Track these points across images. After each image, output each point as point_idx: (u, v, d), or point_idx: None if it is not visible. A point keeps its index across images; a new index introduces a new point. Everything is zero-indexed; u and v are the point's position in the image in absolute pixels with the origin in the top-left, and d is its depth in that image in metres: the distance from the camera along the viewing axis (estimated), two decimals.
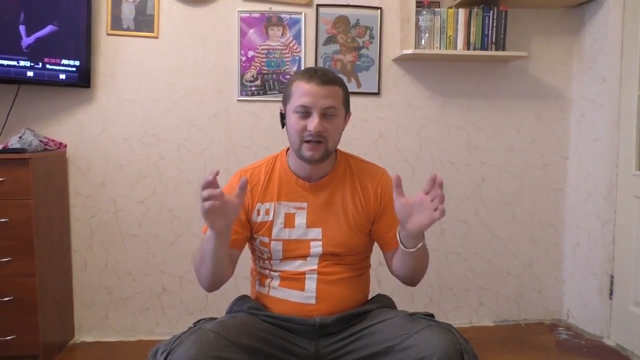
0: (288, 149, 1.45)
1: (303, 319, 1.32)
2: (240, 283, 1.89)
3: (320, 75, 1.33)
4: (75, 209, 2.47)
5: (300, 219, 1.39)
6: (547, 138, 2.73)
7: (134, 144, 2.49)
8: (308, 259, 1.37)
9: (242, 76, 2.51)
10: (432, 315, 1.32)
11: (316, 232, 1.38)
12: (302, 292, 1.35)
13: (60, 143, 2.41)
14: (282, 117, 1.41)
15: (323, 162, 1.38)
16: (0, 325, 2.08)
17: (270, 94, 2.53)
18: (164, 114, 2.49)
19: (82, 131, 2.45)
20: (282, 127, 1.42)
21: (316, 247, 1.38)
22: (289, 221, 1.39)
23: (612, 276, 2.46)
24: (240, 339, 1.23)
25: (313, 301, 1.34)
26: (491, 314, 2.74)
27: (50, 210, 2.26)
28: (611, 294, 2.46)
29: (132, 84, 2.46)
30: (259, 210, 1.41)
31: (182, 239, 2.53)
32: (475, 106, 2.67)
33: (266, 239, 1.39)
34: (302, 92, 1.32)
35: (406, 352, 1.20)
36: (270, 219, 1.39)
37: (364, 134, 2.60)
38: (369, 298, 1.49)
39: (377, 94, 2.59)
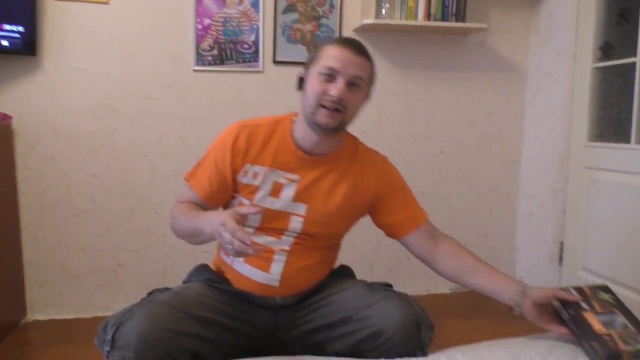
0: (294, 115, 1.35)
1: (263, 297, 1.30)
2: (200, 257, 1.85)
3: (356, 44, 1.25)
4: (24, 184, 2.37)
5: (288, 192, 1.30)
6: (504, 111, 2.77)
7: (85, 115, 2.39)
8: (283, 237, 1.30)
9: (198, 45, 2.43)
10: (390, 286, 1.33)
11: (301, 208, 1.31)
12: (266, 274, 1.29)
13: (5, 114, 2.28)
14: (301, 79, 1.30)
15: (334, 136, 1.29)
16: None
17: (227, 64, 2.46)
18: (116, 84, 2.39)
19: (29, 102, 2.33)
20: (299, 88, 1.30)
21: (296, 223, 1.30)
22: (275, 191, 1.30)
23: (562, 243, 2.56)
24: (194, 311, 1.20)
25: (276, 284, 1.29)
26: (447, 282, 2.80)
27: None
28: (561, 260, 2.56)
29: (82, 53, 2.35)
30: (246, 172, 1.30)
31: (138, 214, 2.47)
32: (435, 78, 2.68)
33: (246, 201, 1.31)
34: (334, 55, 1.23)
35: (364, 322, 1.21)
36: (257, 183, 1.30)
37: None
38: None
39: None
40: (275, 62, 2.51)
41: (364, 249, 2.65)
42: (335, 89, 1.21)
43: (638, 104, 2.14)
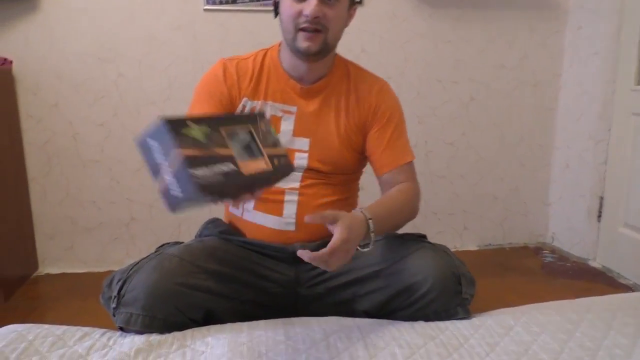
0: (280, 44, 1.24)
1: (281, 246, 1.17)
2: (215, 210, 1.71)
3: None
4: (28, 133, 2.24)
5: (287, 125, 1.20)
6: (540, 53, 2.54)
7: (89, 60, 2.23)
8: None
9: None
10: (424, 237, 1.20)
11: (303, 143, 1.20)
12: (280, 218, 1.18)
13: (5, 59, 2.14)
14: (276, 5, 1.19)
15: (321, 59, 1.18)
16: None
17: (240, 3, 2.26)
18: (121, 26, 2.22)
19: (28, 46, 2.17)
20: (275, 16, 1.20)
21: (301, 160, 1.20)
22: (274, 125, 1.20)
23: (601, 197, 2.38)
24: (208, 264, 1.08)
25: (292, 227, 1.18)
26: (475, 238, 2.67)
27: None
28: (600, 215, 2.39)
29: None
30: (244, 107, 1.21)
31: None
32: (465, 17, 2.46)
33: None
34: None
35: (395, 276, 1.07)
36: None
37: (345, 48, 2.32)
38: None
39: (360, 2, 2.35)
40: None
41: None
42: (308, 7, 1.09)
43: None
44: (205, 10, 2.26)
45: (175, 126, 0.73)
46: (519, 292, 2.14)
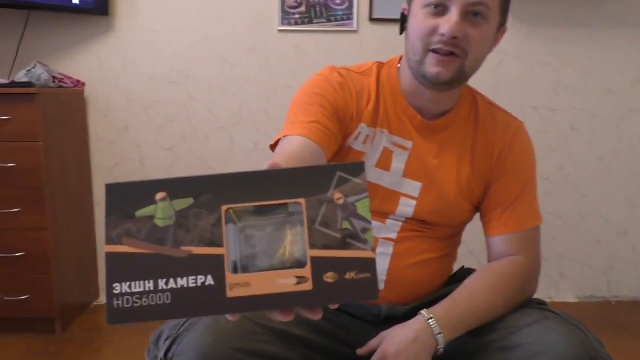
0: (400, 58, 1.02)
1: (364, 304, 0.97)
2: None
3: None
4: (96, 157, 2.20)
5: (398, 162, 0.97)
6: None
7: (160, 82, 2.16)
8: (388, 221, 0.98)
9: (283, 1, 2.12)
10: (543, 303, 0.95)
11: (413, 187, 0.98)
12: None
13: (78, 80, 2.11)
14: (403, 19, 0.97)
15: (451, 89, 0.94)
16: (13, 284, 1.87)
17: (316, 23, 2.13)
18: (193, 47, 2.14)
19: (101, 67, 2.14)
20: (401, 32, 0.98)
21: (406, 207, 0.97)
22: (385, 160, 0.97)
23: None
24: (273, 323, 0.89)
25: (381, 286, 0.96)
26: (574, 288, 2.32)
27: (65, 156, 1.98)
28: None
29: (155, 11, 2.12)
30: (359, 133, 0.98)
31: None
32: (566, 37, 2.18)
33: None
34: None
35: (510, 352, 0.83)
36: (366, 150, 0.97)
37: None
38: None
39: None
40: (372, 19, 2.14)
41: (472, 243, 2.22)
42: (446, 24, 0.85)
43: None
44: (280, 30, 2.14)
45: (124, 201, 0.44)
46: (633, 358, 1.80)
